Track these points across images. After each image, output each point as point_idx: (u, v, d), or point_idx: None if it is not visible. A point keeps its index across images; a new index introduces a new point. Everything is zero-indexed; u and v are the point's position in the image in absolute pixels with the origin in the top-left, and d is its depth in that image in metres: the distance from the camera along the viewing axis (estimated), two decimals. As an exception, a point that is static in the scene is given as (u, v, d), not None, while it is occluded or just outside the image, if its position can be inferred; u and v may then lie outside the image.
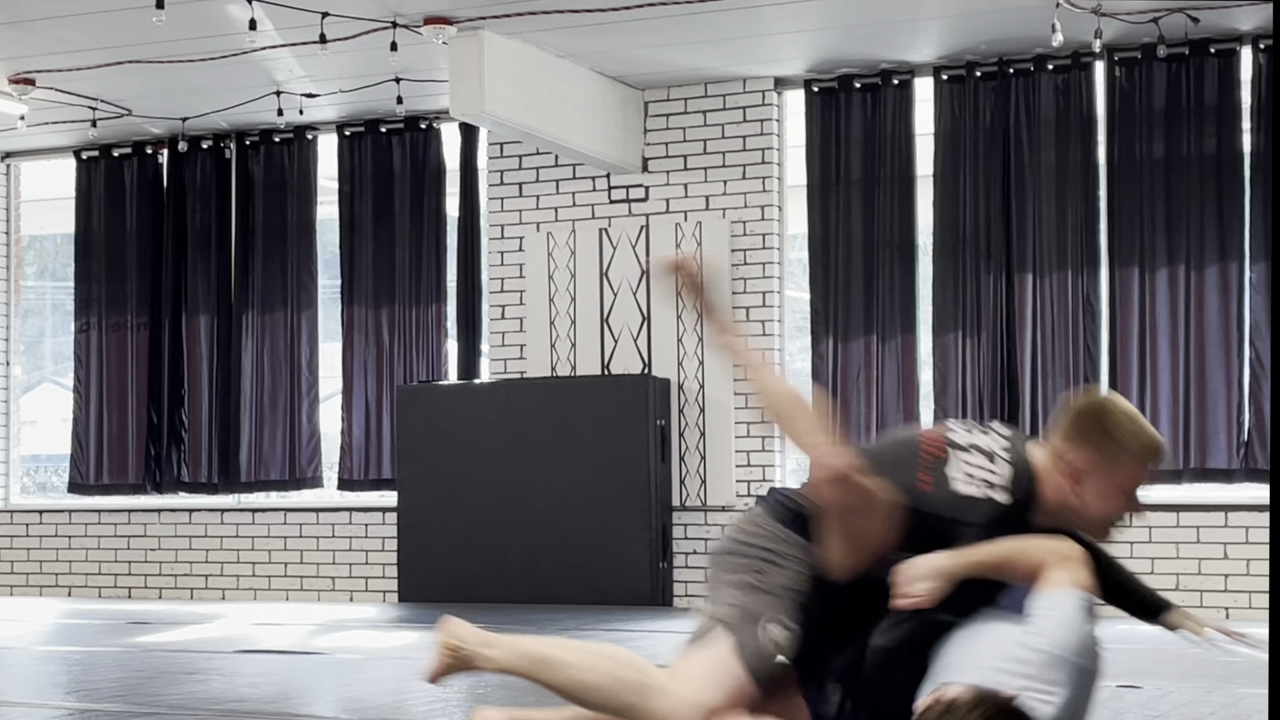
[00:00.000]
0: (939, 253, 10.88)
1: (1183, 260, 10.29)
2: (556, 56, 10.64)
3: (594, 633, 8.94)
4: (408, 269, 12.22)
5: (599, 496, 11.06)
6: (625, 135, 11.44)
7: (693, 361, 11.35)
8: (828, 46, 10.64)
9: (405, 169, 12.28)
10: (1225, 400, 10.16)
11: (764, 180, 11.29)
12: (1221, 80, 10.27)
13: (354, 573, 12.27)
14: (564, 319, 11.71)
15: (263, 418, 12.57)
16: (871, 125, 11.07)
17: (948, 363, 10.77)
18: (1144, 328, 10.36)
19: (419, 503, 11.58)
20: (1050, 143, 10.62)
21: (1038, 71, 10.62)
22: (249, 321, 12.66)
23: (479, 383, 11.87)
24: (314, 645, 8.57)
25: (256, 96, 11.55)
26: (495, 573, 11.29)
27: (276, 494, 12.70)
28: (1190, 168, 10.31)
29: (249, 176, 12.76)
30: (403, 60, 10.24)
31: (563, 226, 11.75)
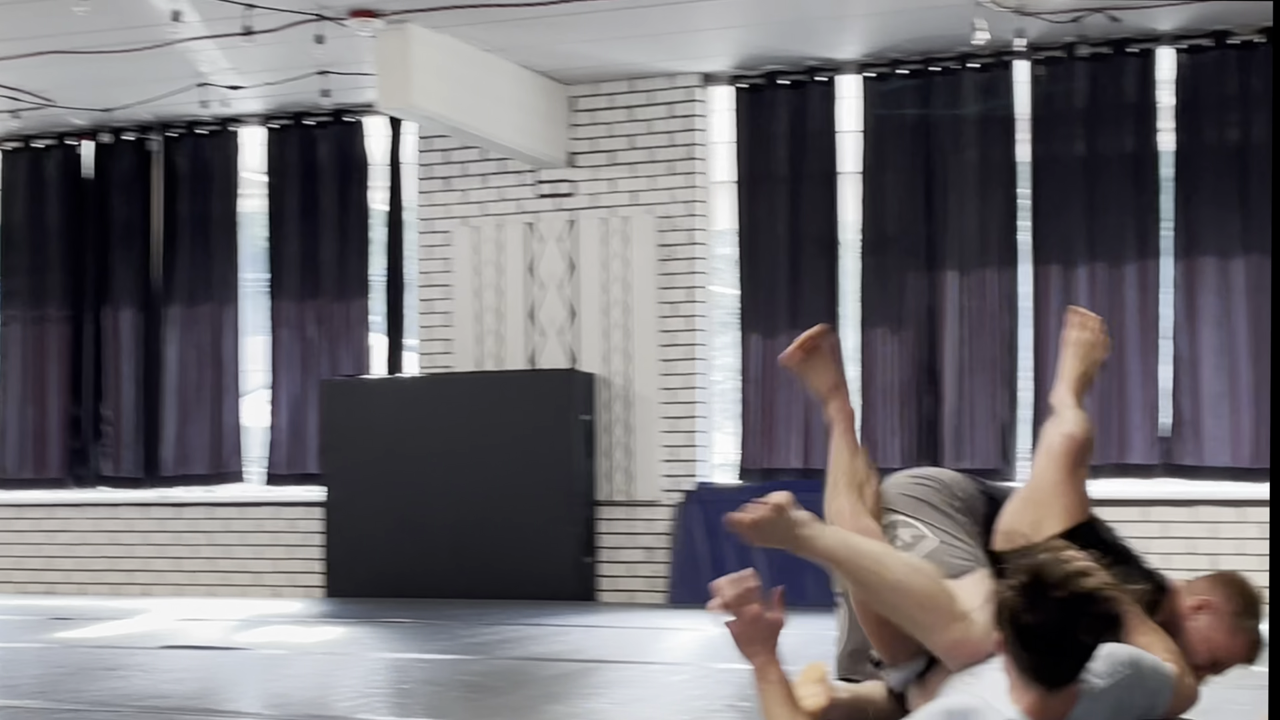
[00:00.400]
0: (864, 249, 10.96)
1: (1102, 257, 10.41)
2: (483, 51, 10.63)
3: (518, 627, 8.96)
4: (333, 263, 12.18)
5: (524, 491, 11.06)
6: (552, 130, 11.44)
7: (619, 357, 11.37)
8: (754, 43, 10.68)
9: (331, 162, 12.23)
10: (1143, 396, 10.29)
11: (690, 176, 11.32)
12: (1141, 79, 10.39)
13: (279, 568, 12.22)
14: (490, 314, 11.71)
15: (186, 412, 12.49)
16: (797, 122, 11.13)
17: (872, 357, 10.85)
18: (1063, 324, 10.44)
19: (344, 497, 11.55)
20: (973, 140, 10.71)
21: (961, 69, 10.72)
22: (172, 315, 12.58)
23: (405, 377, 11.85)
24: (238, 641, 8.54)
25: (181, 88, 11.46)
26: (421, 567, 11.28)
27: (200, 488, 12.62)
28: (1110, 166, 10.43)
29: (173, 169, 12.67)
30: (328, 53, 10.20)
31: (489, 221, 11.75)
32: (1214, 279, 10.19)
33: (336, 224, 12.18)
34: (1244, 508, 10.09)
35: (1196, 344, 10.20)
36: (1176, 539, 10.19)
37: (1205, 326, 10.20)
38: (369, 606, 10.60)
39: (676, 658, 7.88)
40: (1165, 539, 10.22)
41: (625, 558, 11.27)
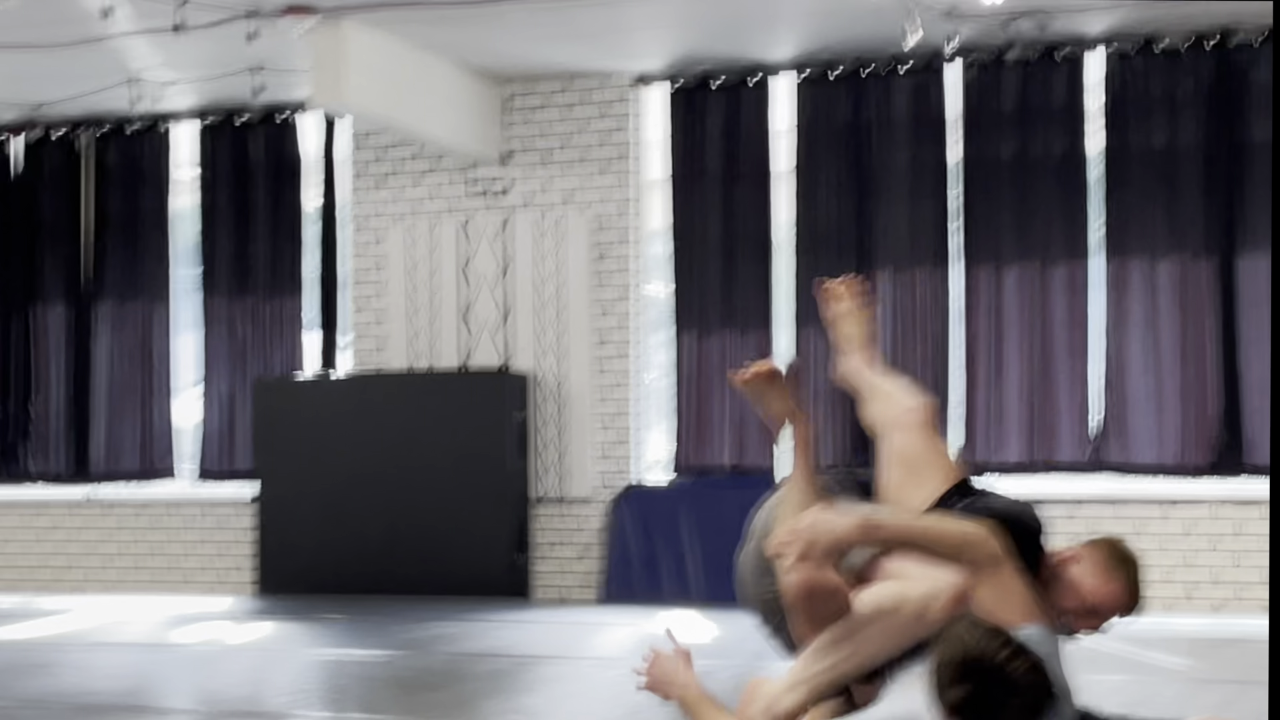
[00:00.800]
0: (796, 249, 11.03)
1: (1032, 259, 10.52)
2: (418, 48, 10.63)
3: (452, 623, 8.97)
4: (266, 260, 12.13)
5: (457, 490, 11.06)
6: (486, 128, 11.45)
7: (552, 356, 11.39)
8: (687, 44, 10.73)
9: (264, 160, 12.18)
10: (1071, 396, 10.41)
11: (624, 175, 11.36)
12: (1069, 83, 10.51)
13: (210, 565, 12.16)
14: (423, 313, 11.70)
15: (117, 409, 12.41)
16: (730, 122, 11.18)
17: (804, 357, 10.92)
18: (994, 324, 10.58)
19: (276, 495, 11.51)
20: (904, 143, 10.80)
21: (892, 73, 10.80)
22: (103, 312, 12.49)
23: (338, 376, 11.82)
24: (170, 638, 8.50)
25: (111, 85, 11.39)
26: (353, 565, 11.26)
27: (131, 486, 12.54)
28: (1039, 168, 10.54)
29: (103, 165, 12.58)
30: (261, 50, 10.16)
31: (423, 220, 11.74)
32: (1141, 280, 10.32)
33: (269, 221, 12.13)
34: (1170, 506, 10.22)
35: (1124, 344, 10.33)
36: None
37: (1133, 327, 10.33)
38: (301, 604, 10.57)
39: (609, 654, 7.91)
40: (1093, 536, 10.33)
41: (559, 555, 11.30)
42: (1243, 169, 10.18)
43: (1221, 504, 10.14)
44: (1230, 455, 10.11)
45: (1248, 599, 10.04)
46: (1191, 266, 10.24)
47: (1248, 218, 10.15)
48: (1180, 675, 6.63)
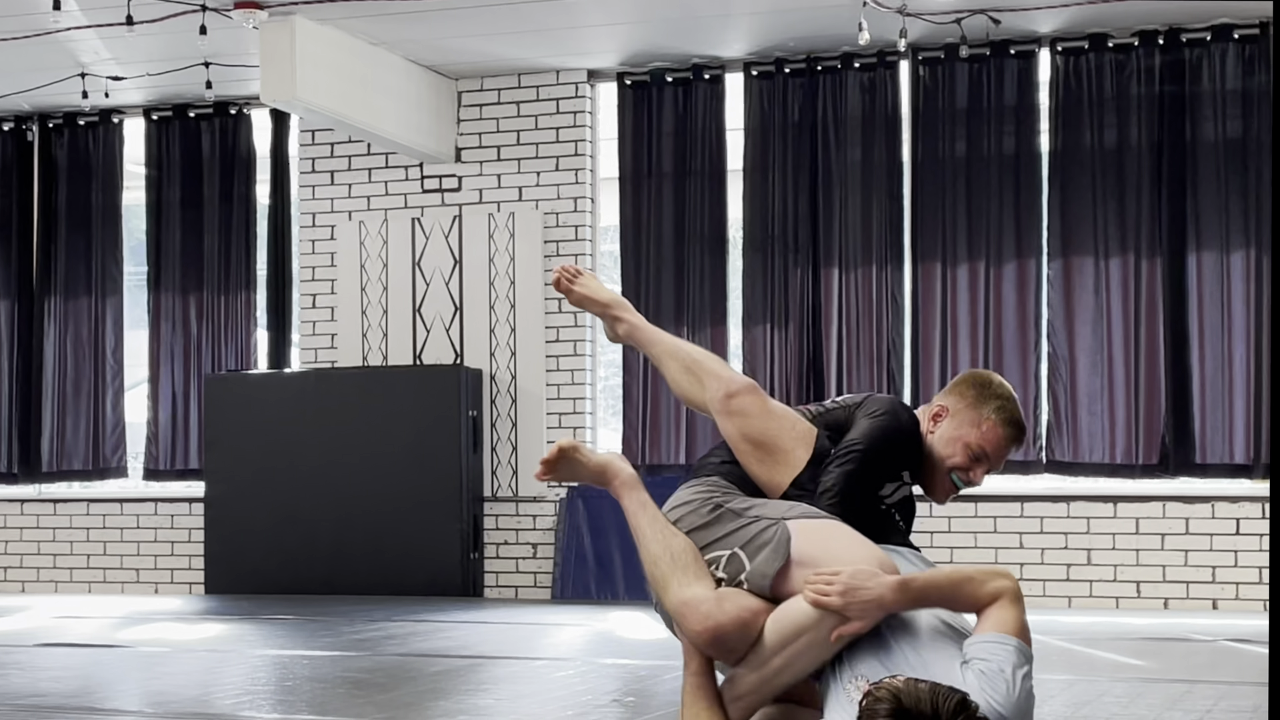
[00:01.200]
0: (748, 246, 11.04)
1: (982, 256, 10.57)
2: (370, 44, 10.59)
3: (403, 623, 8.94)
4: (217, 256, 12.07)
5: (410, 487, 11.03)
6: (438, 124, 11.42)
7: (504, 352, 11.37)
8: (640, 40, 10.73)
9: (215, 155, 12.12)
10: (1022, 393, 10.45)
11: (577, 172, 11.35)
12: (1021, 81, 10.55)
13: (159, 564, 12.09)
14: (376, 308, 11.66)
15: (65, 406, 12.32)
16: (683, 119, 11.19)
17: (756, 355, 10.94)
18: (945, 322, 10.62)
19: (226, 493, 11.45)
20: (856, 140, 10.83)
21: (845, 69, 10.82)
22: (51, 307, 12.41)
23: (289, 372, 11.77)
24: (118, 638, 8.45)
25: (61, 78, 11.31)
26: (304, 564, 11.22)
27: (79, 484, 12.46)
28: (990, 166, 10.59)
29: (52, 160, 12.49)
30: (212, 44, 10.11)
31: (375, 215, 11.70)
32: (1090, 278, 10.37)
33: (220, 217, 12.07)
34: (1118, 503, 10.28)
35: (1073, 342, 10.38)
36: (1053, 534, 10.37)
37: (1082, 325, 10.38)
38: (251, 603, 10.52)
39: (561, 653, 7.90)
40: (1042, 534, 10.40)
41: (511, 553, 11.28)
42: (1193, 167, 10.24)
43: (1171, 501, 10.20)
44: (1179, 453, 10.17)
45: (1198, 597, 10.11)
46: (1141, 264, 10.30)
47: (1199, 215, 10.21)
48: (1129, 673, 6.66)
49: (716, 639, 3.76)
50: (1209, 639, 8.18)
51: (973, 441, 4.17)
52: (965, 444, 4.17)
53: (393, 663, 7.11)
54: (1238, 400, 10.09)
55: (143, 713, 5.68)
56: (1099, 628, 8.72)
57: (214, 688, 6.32)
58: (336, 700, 5.78)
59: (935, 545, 10.53)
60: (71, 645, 8.05)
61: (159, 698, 6.07)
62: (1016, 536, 10.43)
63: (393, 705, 5.67)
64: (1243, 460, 10.08)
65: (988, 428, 4.17)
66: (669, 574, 3.86)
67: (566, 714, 5.37)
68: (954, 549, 10.49)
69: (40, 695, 5.96)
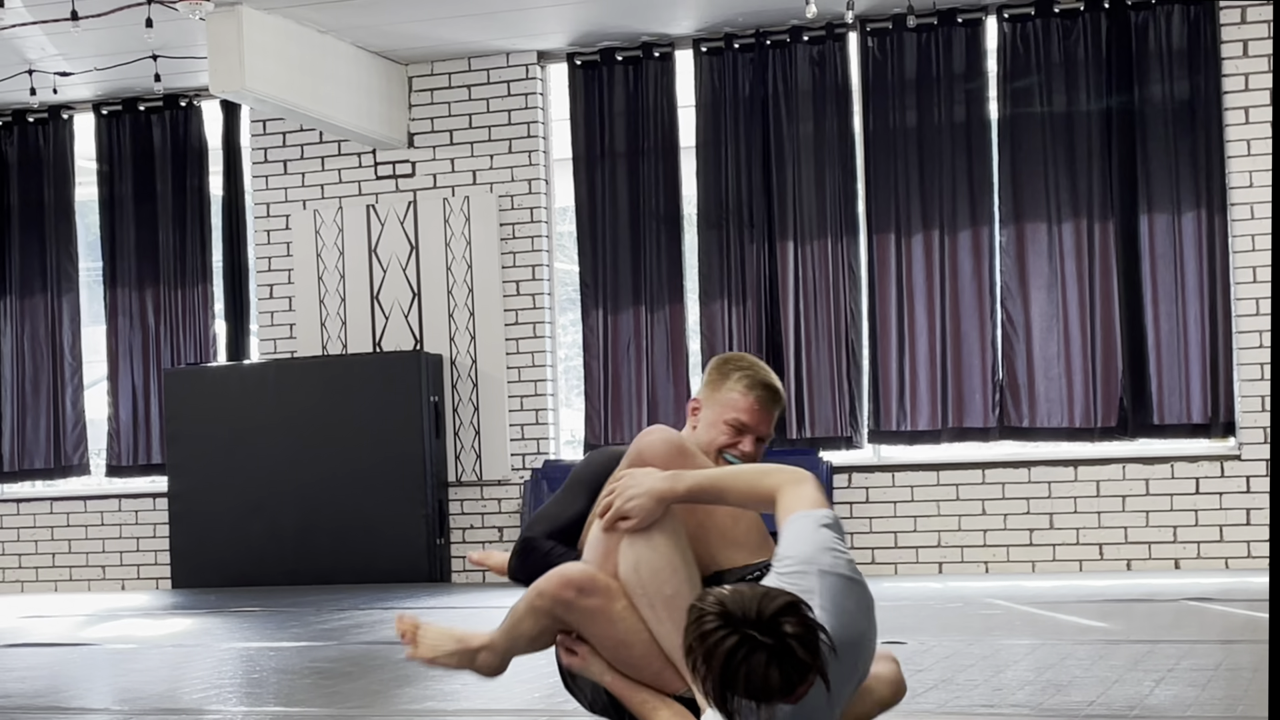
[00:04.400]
0: (703, 223, 11.06)
1: (936, 225, 10.60)
2: (318, 32, 10.55)
3: (370, 611, 8.95)
4: (172, 250, 12.03)
5: (374, 475, 11.03)
6: (390, 110, 11.39)
7: (464, 337, 11.37)
8: (589, 20, 10.72)
9: (166, 148, 12.07)
10: (980, 361, 10.50)
11: (530, 154, 11.34)
12: (969, 49, 10.59)
13: (125, 560, 12.06)
14: (333, 297, 11.64)
15: (24, 405, 12.27)
16: (634, 98, 11.19)
17: (714, 331, 10.96)
18: (901, 292, 10.66)
19: (190, 487, 11.43)
20: (808, 113, 10.84)
21: (794, 43, 10.84)
22: (7, 306, 12.35)
23: (248, 363, 11.75)
24: (85, 636, 8.43)
25: (8, 75, 11.24)
26: (270, 555, 11.21)
27: (41, 483, 12.41)
28: (941, 135, 10.62)
29: (3, 157, 12.42)
30: (159, 37, 10.05)
31: (329, 204, 11.67)
32: (1044, 243, 10.42)
33: (174, 210, 12.03)
34: (1078, 467, 10.35)
35: (1028, 308, 10.44)
36: (1014, 499, 10.43)
37: (1036, 290, 10.43)
38: (218, 597, 10.51)
39: (529, 635, 7.89)
40: (1003, 500, 10.46)
41: (477, 538, 11.29)
42: (1142, 129, 10.29)
43: (1131, 463, 10.27)
44: (1137, 415, 10.24)
45: (1160, 557, 10.19)
46: (1094, 228, 10.35)
47: (1149, 177, 10.27)
48: (1093, 635, 6.72)
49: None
50: (1171, 599, 8.25)
51: (728, 417, 4.24)
52: (723, 422, 4.25)
53: (360, 651, 7.12)
54: (1193, 361, 10.16)
55: (110, 710, 5.68)
56: (1062, 591, 8.79)
57: (181, 683, 6.32)
58: (304, 691, 5.79)
59: (898, 515, 10.60)
60: (38, 645, 8.03)
61: (126, 695, 6.06)
62: (979, 503, 10.49)
63: (360, 694, 5.68)
64: (1200, 420, 10.15)
65: (737, 398, 4.24)
66: None
67: (534, 696, 5.39)
68: (916, 518, 10.55)
69: (6, 696, 5.95)
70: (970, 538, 10.48)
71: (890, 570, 10.59)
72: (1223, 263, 10.14)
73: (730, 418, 4.24)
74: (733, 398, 4.25)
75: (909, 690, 5.07)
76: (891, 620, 7.72)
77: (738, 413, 4.24)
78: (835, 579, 3.43)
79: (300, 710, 5.30)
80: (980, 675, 5.45)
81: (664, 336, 11.05)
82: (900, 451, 10.76)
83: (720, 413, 4.26)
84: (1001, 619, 7.58)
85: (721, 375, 4.29)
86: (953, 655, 6.05)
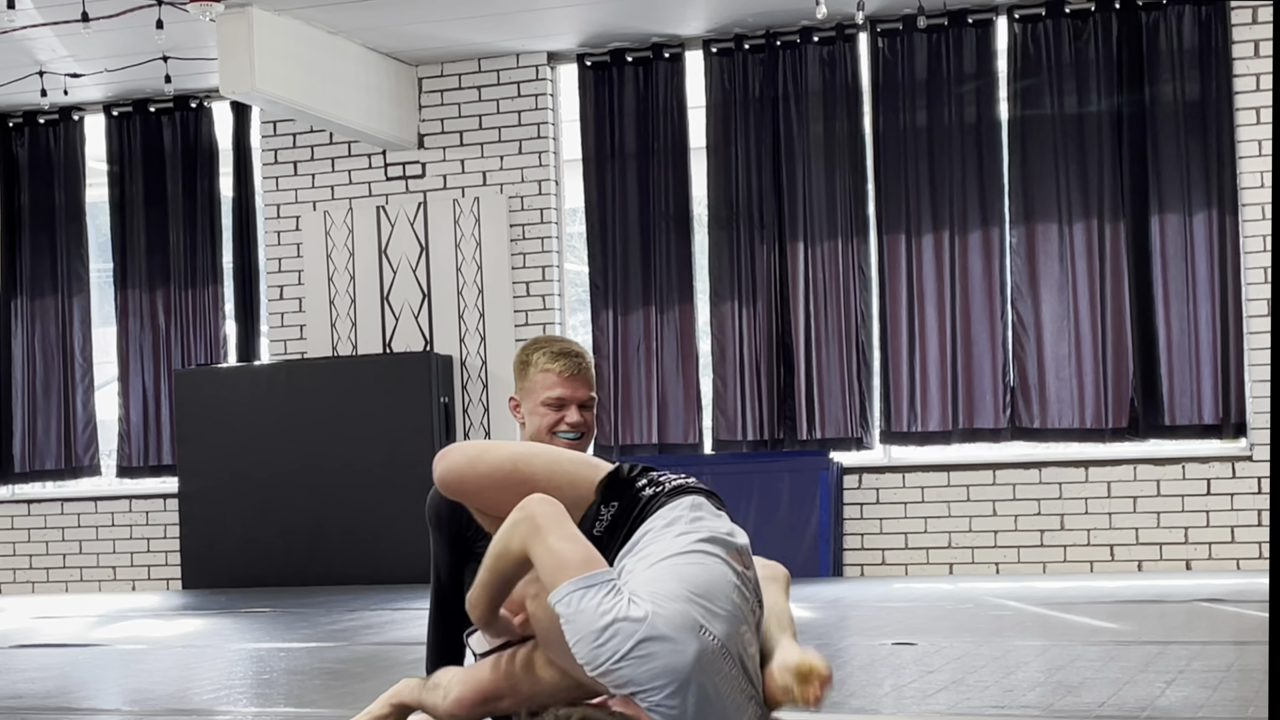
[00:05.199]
0: (713, 223, 11.05)
1: (946, 226, 10.59)
2: (328, 33, 10.55)
3: (380, 612, 8.95)
4: (182, 251, 12.04)
5: (384, 475, 11.03)
6: (400, 112, 11.39)
7: (474, 338, 11.37)
8: (599, 21, 10.71)
9: (176, 149, 12.08)
10: (991, 361, 10.49)
11: (540, 155, 11.34)
12: (979, 50, 10.57)
13: (135, 561, 12.07)
14: (343, 298, 11.65)
15: (35, 406, 12.28)
16: (644, 99, 11.18)
17: (725, 332, 10.95)
18: (912, 292, 10.64)
19: (200, 488, 11.44)
20: (818, 114, 10.83)
21: (804, 44, 10.83)
22: (17, 308, 12.36)
23: (259, 364, 11.75)
24: (95, 637, 8.44)
25: (19, 77, 11.25)
26: (281, 556, 11.21)
27: (52, 484, 12.42)
28: (952, 136, 10.60)
29: (13, 159, 12.44)
30: (170, 38, 10.07)
31: (339, 205, 11.68)
32: (1054, 244, 10.40)
33: (184, 211, 12.04)
34: (1089, 468, 10.33)
35: (1039, 308, 10.42)
36: (1025, 500, 10.41)
37: (1047, 291, 10.41)
38: (228, 597, 10.52)
39: (539, 636, 7.89)
40: (1014, 501, 10.44)
41: (487, 538, 11.27)
42: (1153, 129, 10.27)
43: (1141, 463, 10.25)
44: (1148, 416, 10.22)
45: (1171, 558, 10.16)
46: (1104, 228, 10.33)
47: (1160, 178, 10.25)
48: (1104, 636, 6.70)
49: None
50: (1183, 600, 8.23)
51: (543, 398, 4.27)
52: (541, 405, 4.27)
53: (370, 652, 7.12)
54: (1205, 361, 10.13)
55: (120, 711, 5.68)
56: (1073, 592, 8.77)
57: (191, 683, 6.33)
58: (313, 692, 5.79)
59: (909, 516, 10.59)
60: (48, 646, 8.04)
61: (137, 696, 6.07)
62: (989, 504, 10.48)
63: (371, 695, 5.67)
64: (1211, 420, 10.13)
65: (542, 377, 4.27)
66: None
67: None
68: (927, 519, 10.53)
69: (17, 697, 5.95)
70: (981, 539, 10.47)
71: (901, 571, 10.58)
72: (1234, 263, 10.12)
73: (545, 398, 4.26)
74: (540, 378, 4.27)
75: (920, 691, 5.07)
76: (902, 621, 7.72)
77: (549, 390, 4.26)
78: (651, 665, 3.26)
79: (311, 711, 5.30)
80: (991, 676, 5.44)
81: (674, 337, 11.05)
82: (911, 452, 10.75)
83: (536, 397, 4.28)
84: (1012, 620, 7.56)
85: (524, 364, 4.31)
86: (963, 656, 6.04)
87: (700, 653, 3.26)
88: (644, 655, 3.24)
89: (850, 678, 5.52)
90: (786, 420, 10.83)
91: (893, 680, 5.53)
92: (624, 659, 3.24)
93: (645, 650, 3.24)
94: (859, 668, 5.88)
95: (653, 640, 3.24)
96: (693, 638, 3.27)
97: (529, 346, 4.35)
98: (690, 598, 3.32)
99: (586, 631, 3.26)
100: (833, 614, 7.97)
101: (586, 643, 3.26)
